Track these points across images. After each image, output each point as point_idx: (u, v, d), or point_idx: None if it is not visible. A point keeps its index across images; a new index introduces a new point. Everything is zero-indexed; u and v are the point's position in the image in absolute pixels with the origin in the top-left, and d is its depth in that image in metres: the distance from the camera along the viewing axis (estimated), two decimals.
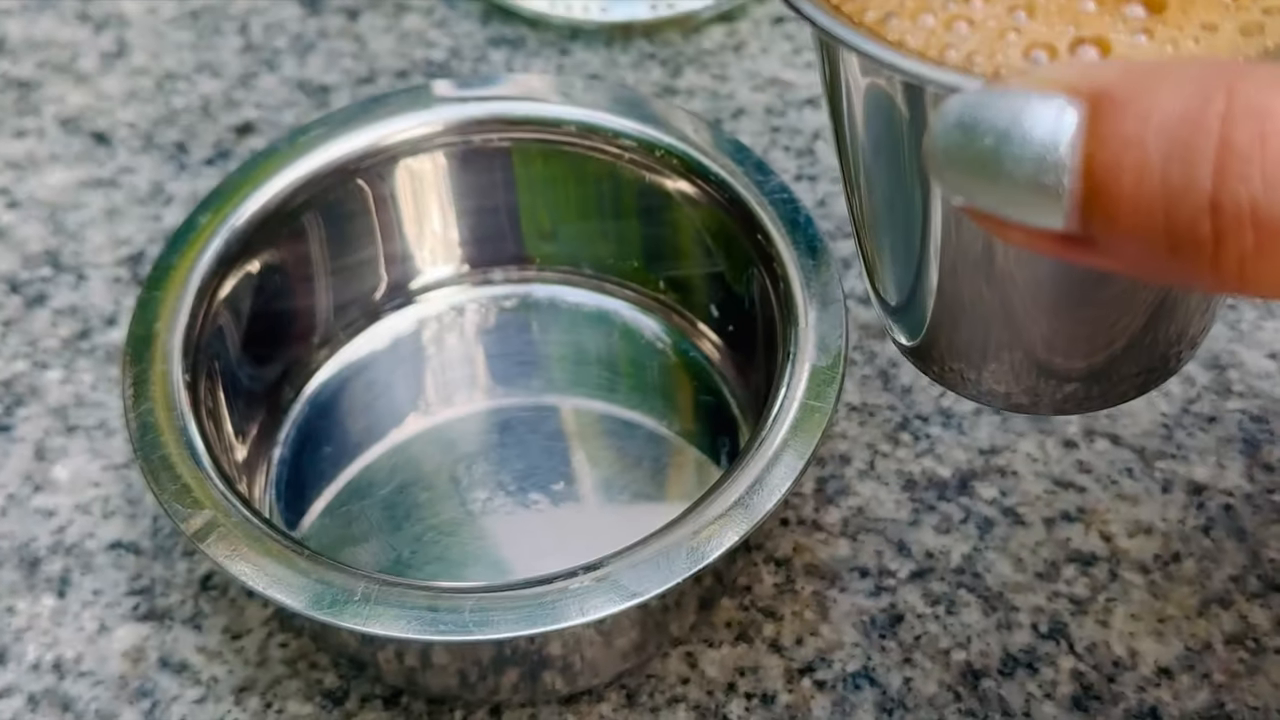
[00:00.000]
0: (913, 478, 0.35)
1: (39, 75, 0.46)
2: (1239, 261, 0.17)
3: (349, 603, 0.28)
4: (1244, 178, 0.16)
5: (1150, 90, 0.17)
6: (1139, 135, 0.17)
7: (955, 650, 0.33)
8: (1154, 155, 0.17)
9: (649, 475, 0.35)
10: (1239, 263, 0.17)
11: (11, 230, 0.42)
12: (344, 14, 0.47)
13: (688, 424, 0.36)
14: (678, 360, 0.37)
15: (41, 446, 0.37)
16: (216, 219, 0.34)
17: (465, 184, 0.37)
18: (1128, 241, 0.17)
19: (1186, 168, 0.17)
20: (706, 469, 0.35)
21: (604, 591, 0.28)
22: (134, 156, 0.43)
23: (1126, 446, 0.36)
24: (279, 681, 0.33)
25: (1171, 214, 0.17)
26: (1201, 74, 0.17)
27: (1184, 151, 0.17)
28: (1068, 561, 0.34)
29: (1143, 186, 0.17)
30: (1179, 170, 0.17)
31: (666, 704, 0.32)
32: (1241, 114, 0.16)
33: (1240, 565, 0.34)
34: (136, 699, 0.32)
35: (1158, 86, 0.17)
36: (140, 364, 0.32)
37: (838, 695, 0.32)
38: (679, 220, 0.36)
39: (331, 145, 0.36)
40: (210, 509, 0.29)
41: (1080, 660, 0.32)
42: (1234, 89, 0.16)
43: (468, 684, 0.31)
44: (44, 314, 0.40)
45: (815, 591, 0.34)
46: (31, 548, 0.35)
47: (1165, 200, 0.17)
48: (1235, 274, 0.17)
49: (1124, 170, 0.17)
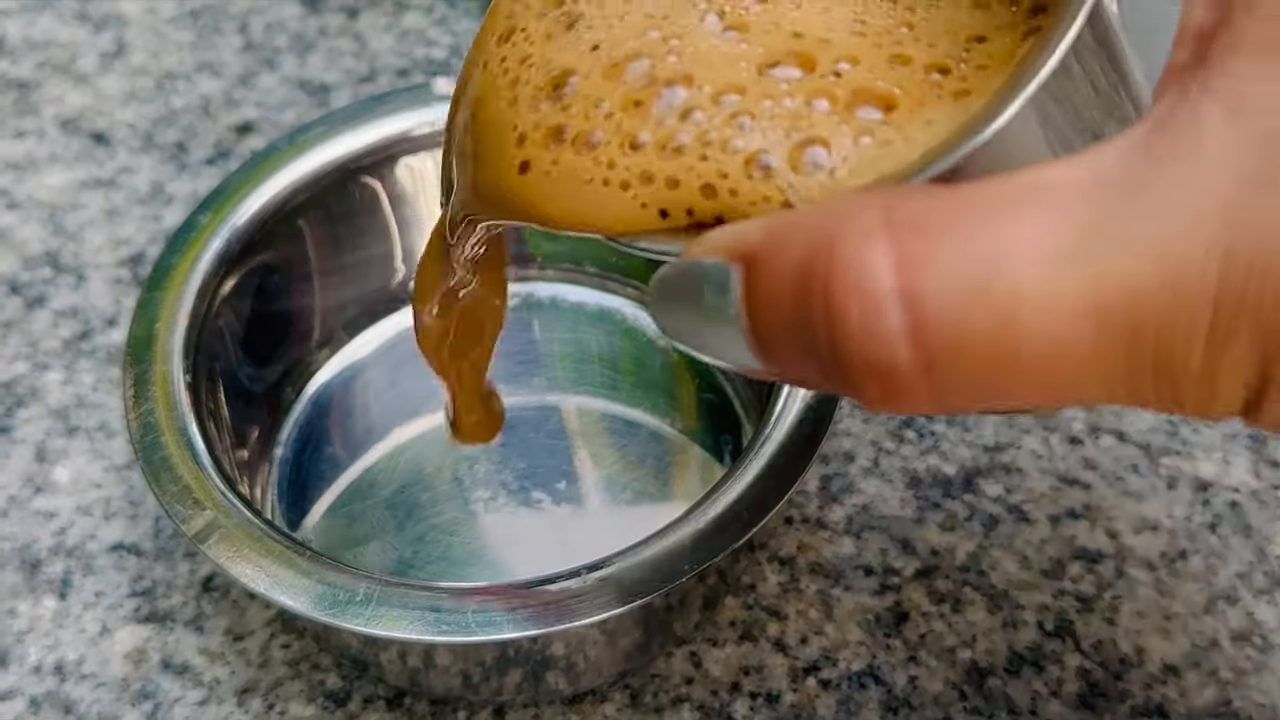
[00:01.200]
0: (917, 475, 0.35)
1: (38, 76, 0.46)
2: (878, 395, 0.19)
3: (351, 604, 0.28)
4: (847, 335, 0.18)
5: (779, 252, 0.19)
6: (777, 292, 0.19)
7: (961, 648, 0.32)
8: (788, 309, 0.19)
9: (652, 474, 0.35)
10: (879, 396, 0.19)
11: (11, 231, 0.42)
12: (344, 13, 0.47)
13: (690, 422, 0.36)
14: (680, 358, 0.37)
15: (42, 448, 0.37)
16: (217, 219, 0.34)
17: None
18: (798, 375, 0.20)
19: (809, 323, 0.19)
20: (710, 467, 0.35)
21: (607, 591, 0.28)
22: (134, 157, 0.43)
23: (1132, 443, 0.36)
24: (281, 683, 0.32)
25: (813, 357, 0.19)
26: (815, 233, 0.18)
27: (804, 311, 0.19)
28: (1073, 559, 0.34)
29: (787, 334, 0.19)
30: (806, 323, 0.19)
31: (671, 704, 0.32)
32: (838, 272, 0.18)
33: (1247, 562, 0.34)
34: (138, 701, 0.32)
35: (785, 248, 0.19)
36: (141, 364, 0.31)
37: (843, 694, 0.32)
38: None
39: (332, 144, 0.35)
40: (212, 510, 0.29)
41: (1086, 658, 0.32)
42: (834, 249, 0.18)
43: (471, 685, 0.31)
44: (44, 315, 0.40)
45: (820, 590, 0.33)
46: (33, 549, 0.35)
47: (805, 346, 0.19)
48: (880, 404, 0.19)
49: (773, 320, 0.19)
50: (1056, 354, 0.18)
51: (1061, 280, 0.17)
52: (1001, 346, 0.18)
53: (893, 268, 0.18)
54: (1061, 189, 0.18)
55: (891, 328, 0.18)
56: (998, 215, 0.18)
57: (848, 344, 0.18)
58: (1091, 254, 0.17)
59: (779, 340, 0.19)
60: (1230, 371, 0.18)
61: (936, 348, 0.18)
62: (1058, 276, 0.17)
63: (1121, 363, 0.18)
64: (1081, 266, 0.17)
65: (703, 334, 0.21)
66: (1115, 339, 0.18)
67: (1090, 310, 0.17)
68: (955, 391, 0.18)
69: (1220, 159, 0.17)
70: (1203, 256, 0.17)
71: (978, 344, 0.18)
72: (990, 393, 0.18)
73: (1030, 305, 0.17)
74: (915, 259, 0.18)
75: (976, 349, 0.18)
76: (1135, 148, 0.18)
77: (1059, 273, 0.17)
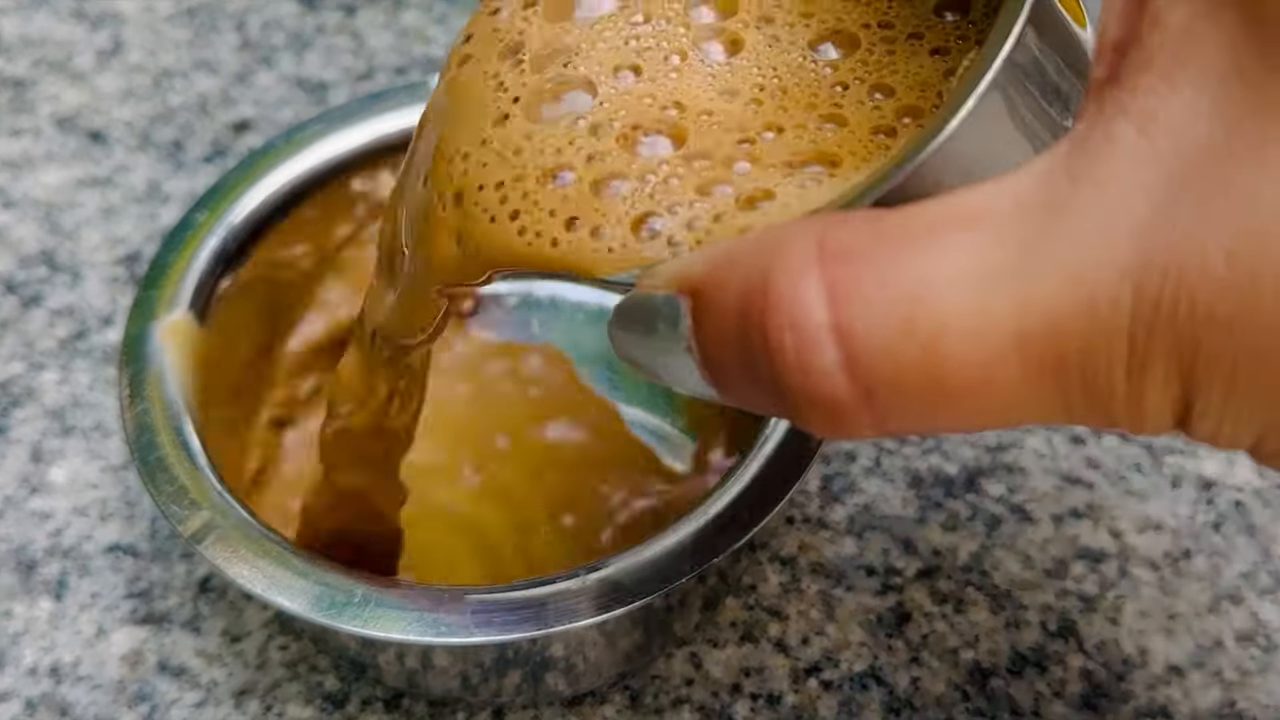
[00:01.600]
0: (919, 475, 0.35)
1: (34, 73, 0.46)
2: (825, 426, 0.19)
3: (349, 605, 0.27)
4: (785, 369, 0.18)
5: (722, 286, 0.19)
6: (722, 325, 0.19)
7: (963, 649, 0.32)
8: (733, 342, 0.19)
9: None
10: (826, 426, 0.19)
11: (7, 230, 0.41)
12: (342, 10, 0.47)
13: (690, 422, 0.36)
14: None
15: (38, 448, 0.36)
16: (214, 217, 0.34)
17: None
18: (753, 404, 0.20)
19: (751, 353, 0.19)
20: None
21: (607, 592, 0.27)
22: (130, 155, 0.43)
23: (1135, 442, 0.35)
24: (279, 685, 0.32)
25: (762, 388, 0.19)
26: (751, 266, 0.19)
27: (745, 343, 0.19)
28: (1076, 559, 0.33)
29: (736, 367, 0.19)
30: (748, 354, 0.19)
31: (671, 705, 0.32)
32: (772, 309, 0.18)
33: (1251, 561, 0.33)
34: (135, 703, 0.32)
35: (726, 281, 0.19)
36: (137, 364, 0.31)
37: (844, 695, 0.32)
38: None
39: (329, 143, 0.35)
40: (208, 510, 0.29)
41: (1090, 658, 0.32)
42: (768, 284, 0.18)
43: (469, 686, 0.31)
44: (40, 314, 0.39)
45: (821, 590, 0.33)
46: (28, 551, 0.35)
47: (753, 378, 0.19)
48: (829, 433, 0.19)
49: (722, 354, 0.20)
50: (985, 382, 0.18)
51: (984, 310, 0.17)
52: (930, 378, 0.18)
53: (824, 302, 0.18)
54: (984, 215, 0.18)
55: (827, 363, 0.18)
56: (922, 243, 0.18)
57: (788, 379, 0.18)
58: (1012, 282, 0.17)
59: (729, 372, 0.20)
60: (1155, 393, 0.18)
61: (873, 380, 0.18)
62: (981, 306, 0.17)
63: (1051, 389, 0.18)
64: (1003, 295, 0.17)
65: (660, 364, 0.21)
66: (1041, 367, 0.18)
67: (1013, 338, 0.17)
68: (898, 419, 0.18)
69: (1132, 179, 0.17)
70: (1116, 281, 0.17)
71: (909, 376, 0.18)
72: (931, 420, 0.18)
73: (955, 337, 0.17)
74: (844, 292, 0.18)
75: (908, 380, 0.18)
76: (1055, 169, 0.18)
77: (982, 302, 0.17)
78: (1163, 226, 0.17)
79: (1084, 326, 0.17)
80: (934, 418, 0.18)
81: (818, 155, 0.22)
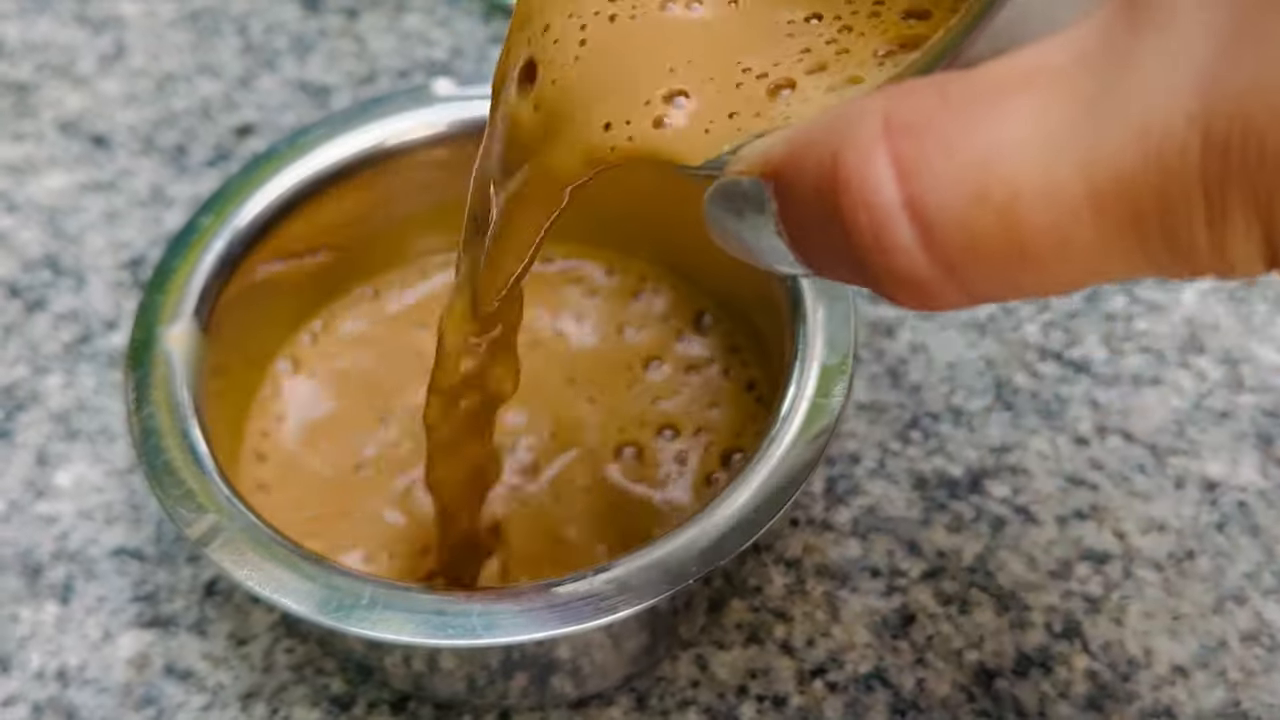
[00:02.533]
0: (923, 476, 0.35)
1: (37, 78, 0.46)
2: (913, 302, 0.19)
3: (356, 607, 0.27)
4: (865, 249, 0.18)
5: (800, 166, 0.19)
6: (801, 205, 0.19)
7: (968, 650, 0.32)
8: (816, 224, 0.19)
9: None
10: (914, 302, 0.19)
11: (11, 235, 0.41)
12: (344, 14, 0.47)
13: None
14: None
15: (43, 452, 0.36)
16: (218, 221, 0.34)
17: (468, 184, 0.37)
18: (842, 279, 0.20)
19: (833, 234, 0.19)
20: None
21: (613, 594, 0.27)
22: (134, 159, 0.43)
23: (1139, 443, 0.35)
24: (285, 688, 0.32)
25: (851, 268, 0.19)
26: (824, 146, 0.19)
27: (826, 224, 0.19)
28: (1081, 560, 0.34)
29: (823, 247, 0.19)
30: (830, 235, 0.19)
31: (677, 707, 0.32)
32: (844, 189, 0.18)
33: (1255, 562, 0.33)
34: (141, 706, 0.32)
35: (804, 161, 0.19)
36: (142, 368, 0.31)
37: (850, 697, 0.32)
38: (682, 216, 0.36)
39: (332, 146, 0.35)
40: (215, 514, 0.29)
41: (1094, 659, 0.32)
42: (838, 164, 0.18)
43: (476, 689, 0.31)
44: (44, 319, 0.39)
45: (826, 592, 0.33)
46: (34, 555, 0.35)
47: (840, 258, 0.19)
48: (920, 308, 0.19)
49: (807, 235, 0.20)
50: (1064, 243, 0.17)
51: (1054, 171, 0.17)
52: (1009, 245, 0.17)
53: (893, 178, 0.18)
54: (1046, 72, 0.17)
55: (904, 240, 0.18)
56: (987, 107, 0.17)
57: (869, 258, 0.18)
58: (1079, 139, 0.17)
59: (817, 252, 0.20)
60: (1238, 242, 0.17)
61: (951, 253, 0.18)
62: (1050, 167, 0.17)
63: (1132, 245, 0.17)
64: (1071, 154, 0.17)
65: (754, 245, 0.21)
66: (1119, 224, 0.17)
67: (1086, 197, 0.17)
68: (985, 286, 0.18)
69: (1193, 21, 0.17)
70: (1184, 129, 0.16)
71: (987, 245, 0.17)
72: (1017, 286, 0.18)
73: (1028, 201, 0.17)
74: (912, 166, 0.18)
75: (987, 249, 0.17)
76: (1115, 18, 0.17)
77: (1050, 163, 0.17)
78: (1227, 69, 0.16)
79: (1156, 179, 0.17)
80: (1018, 283, 0.18)
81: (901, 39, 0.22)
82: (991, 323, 0.38)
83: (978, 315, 0.38)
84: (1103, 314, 0.38)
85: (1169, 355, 0.37)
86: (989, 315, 0.38)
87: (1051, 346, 0.37)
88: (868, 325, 0.38)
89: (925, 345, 0.37)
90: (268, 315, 0.35)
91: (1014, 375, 0.37)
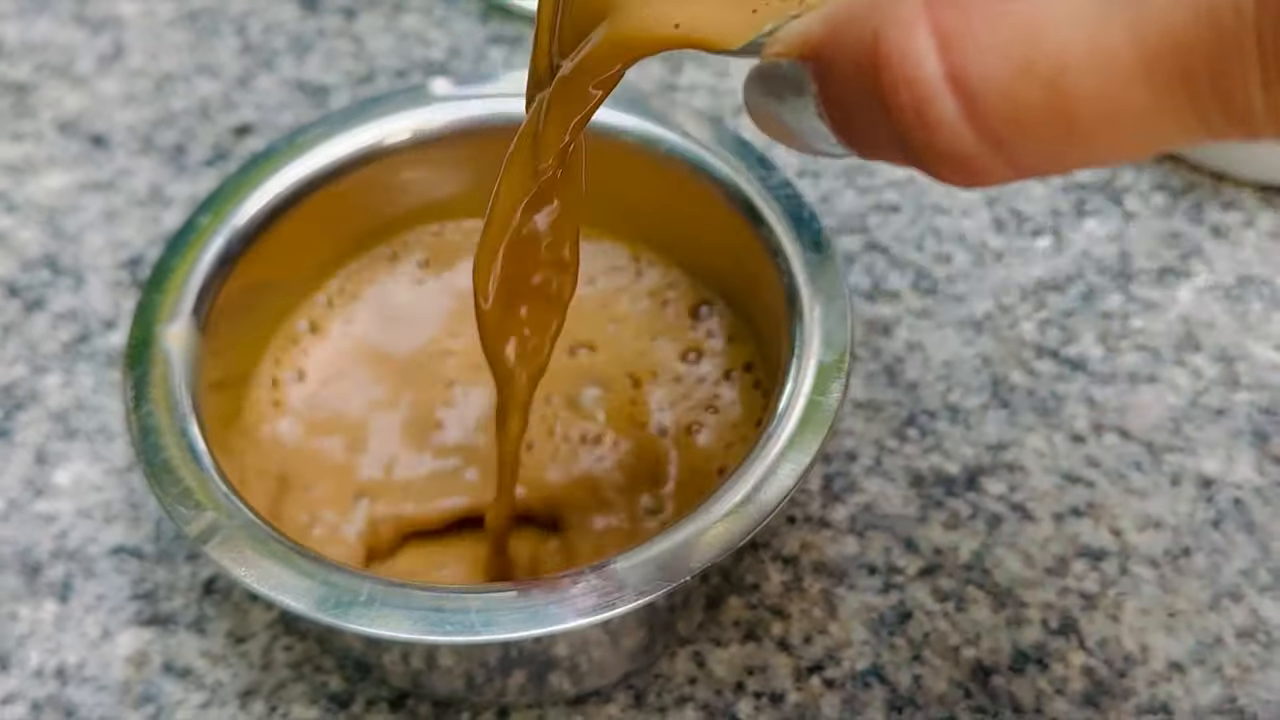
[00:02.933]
0: (920, 474, 0.35)
1: (36, 78, 0.46)
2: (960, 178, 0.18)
3: (354, 604, 0.27)
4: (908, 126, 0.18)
5: (840, 45, 0.19)
6: (842, 85, 0.19)
7: (965, 647, 0.32)
8: (856, 100, 0.19)
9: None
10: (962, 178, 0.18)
11: (10, 234, 0.41)
12: (342, 14, 0.47)
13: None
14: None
15: (42, 451, 0.37)
16: (216, 220, 0.34)
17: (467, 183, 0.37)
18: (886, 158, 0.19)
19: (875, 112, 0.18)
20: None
21: (611, 590, 0.27)
22: (132, 159, 0.43)
23: (1135, 440, 0.36)
24: (284, 685, 0.32)
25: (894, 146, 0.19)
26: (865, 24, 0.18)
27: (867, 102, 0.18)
28: (1077, 557, 0.34)
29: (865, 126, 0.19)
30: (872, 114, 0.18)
31: (674, 704, 0.32)
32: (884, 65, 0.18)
33: (1251, 558, 0.34)
34: (140, 704, 0.32)
35: (843, 40, 0.19)
36: (141, 367, 0.31)
37: (847, 693, 0.32)
38: (683, 216, 0.36)
39: (331, 145, 0.35)
40: (213, 512, 0.29)
41: (1091, 656, 0.32)
42: (878, 39, 0.18)
43: (474, 686, 0.31)
44: (43, 318, 0.39)
45: (823, 589, 0.33)
46: (33, 553, 0.35)
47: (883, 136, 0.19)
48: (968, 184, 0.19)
49: (849, 115, 0.19)
50: (1116, 113, 0.17)
51: (1102, 38, 0.17)
52: (1058, 117, 0.17)
53: (935, 51, 0.17)
54: None
55: (948, 115, 0.17)
56: None
57: (912, 135, 0.18)
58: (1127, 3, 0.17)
59: (859, 132, 0.19)
60: None
61: (997, 126, 0.17)
62: (1099, 30, 0.17)
63: (1186, 109, 0.17)
64: (1120, 18, 0.17)
65: (796, 128, 0.20)
66: (1171, 87, 0.17)
67: (1137, 63, 0.17)
68: (1032, 160, 0.18)
69: None
70: None
71: (1034, 117, 0.17)
72: (1065, 158, 0.18)
73: (1076, 71, 0.17)
74: (955, 39, 0.17)
75: (1035, 122, 0.17)
76: None
77: (1099, 30, 0.17)
78: None
79: (1209, 38, 0.16)
80: (1065, 155, 0.18)
81: None
82: (988, 320, 0.38)
83: (974, 313, 0.38)
84: (1099, 312, 0.38)
85: (1165, 353, 0.37)
86: (985, 313, 0.38)
87: (1048, 344, 0.38)
88: (865, 323, 0.38)
89: (922, 343, 0.38)
90: (266, 314, 0.35)
91: (1010, 373, 0.37)
